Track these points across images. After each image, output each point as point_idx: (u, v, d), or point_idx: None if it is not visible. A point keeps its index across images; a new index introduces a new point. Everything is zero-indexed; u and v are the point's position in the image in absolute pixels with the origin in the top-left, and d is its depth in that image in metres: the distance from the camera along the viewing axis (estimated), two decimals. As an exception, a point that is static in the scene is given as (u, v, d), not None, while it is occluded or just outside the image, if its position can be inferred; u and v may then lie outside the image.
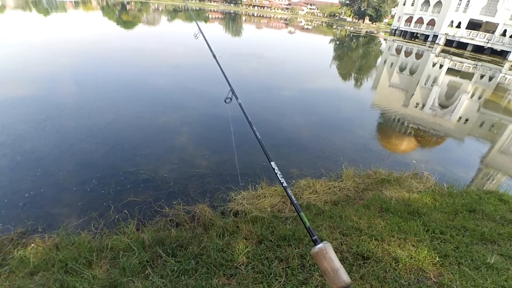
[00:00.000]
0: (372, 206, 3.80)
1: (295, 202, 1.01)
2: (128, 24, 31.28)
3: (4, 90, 7.74)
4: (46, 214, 3.54)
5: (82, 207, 3.66)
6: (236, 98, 1.64)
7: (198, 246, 2.76)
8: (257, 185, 4.21)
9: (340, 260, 2.56)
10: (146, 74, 11.03)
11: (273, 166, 1.37)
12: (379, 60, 26.42)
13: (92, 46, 15.33)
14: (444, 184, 5.02)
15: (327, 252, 0.73)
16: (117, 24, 30.26)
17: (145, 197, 3.85)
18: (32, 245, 2.83)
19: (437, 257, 2.75)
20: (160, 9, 64.63)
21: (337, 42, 38.28)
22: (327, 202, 3.94)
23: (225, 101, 1.70)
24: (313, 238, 0.75)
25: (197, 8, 79.73)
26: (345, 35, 50.71)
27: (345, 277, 0.73)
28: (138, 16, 42.20)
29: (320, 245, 0.78)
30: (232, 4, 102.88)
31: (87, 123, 6.21)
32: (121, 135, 5.87)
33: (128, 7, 60.98)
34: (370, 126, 8.77)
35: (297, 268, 2.56)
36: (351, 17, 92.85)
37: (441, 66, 25.13)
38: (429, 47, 42.43)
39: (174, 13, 56.61)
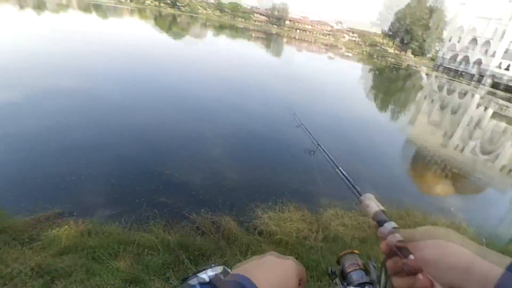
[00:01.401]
0: (403, 249, 3.59)
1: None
2: (176, 34, 33.10)
3: (60, 81, 8.49)
4: (83, 200, 3.75)
5: (116, 199, 3.84)
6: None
7: (221, 259, 2.76)
8: (284, 207, 4.16)
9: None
10: (190, 83, 11.53)
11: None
12: (419, 95, 25.63)
13: (143, 52, 16.34)
14: (483, 238, 4.64)
15: (370, 198, 0.80)
16: (167, 34, 32.13)
17: (175, 200, 3.94)
18: (66, 226, 2.96)
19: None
20: (207, 24, 67.83)
21: (376, 72, 37.78)
22: (355, 238, 3.79)
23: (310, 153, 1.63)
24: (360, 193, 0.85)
25: (241, 27, 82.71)
26: (386, 66, 49.96)
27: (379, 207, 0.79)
28: (187, 29, 44.55)
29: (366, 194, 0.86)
30: (275, 26, 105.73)
31: (135, 122, 6.62)
32: (163, 138, 6.19)
33: (178, 19, 64.72)
34: (405, 162, 8.44)
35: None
36: (393, 48, 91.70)
37: (486, 108, 23.87)
38: (474, 87, 40.56)
39: (220, 29, 59.15)
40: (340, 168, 1.09)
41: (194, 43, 28.51)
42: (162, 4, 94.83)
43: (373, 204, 0.75)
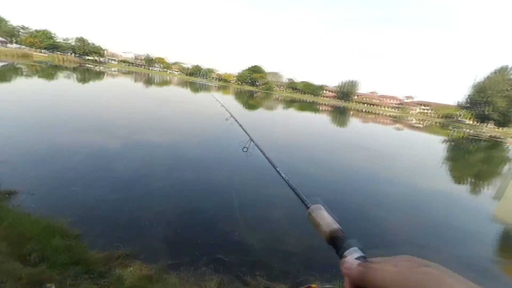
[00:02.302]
0: None
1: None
2: (253, 106, 36.28)
3: (153, 137, 10.00)
4: (150, 244, 3.93)
5: (179, 249, 3.95)
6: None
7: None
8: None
9: None
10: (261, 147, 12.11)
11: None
12: (506, 167, 21.80)
13: (222, 122, 18.22)
14: None
15: (319, 209, 0.62)
16: (244, 107, 35.48)
17: (233, 258, 3.86)
18: (131, 268, 3.09)
19: None
20: (279, 98, 73.13)
21: (452, 144, 33.99)
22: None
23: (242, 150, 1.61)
24: (307, 204, 0.68)
25: (310, 101, 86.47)
26: (462, 137, 44.81)
27: (335, 225, 0.57)
28: (261, 102, 48.63)
29: (313, 205, 0.68)
30: (343, 100, 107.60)
31: (205, 178, 7.08)
32: (228, 197, 6.38)
33: (255, 94, 71.66)
34: (490, 243, 6.88)
35: None
36: (471, 120, 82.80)
37: None
38: None
39: (290, 102, 62.90)
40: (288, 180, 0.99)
41: (266, 113, 30.64)
42: (243, 83, 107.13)
43: (327, 221, 0.61)
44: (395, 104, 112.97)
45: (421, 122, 66.40)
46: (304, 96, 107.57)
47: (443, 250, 5.76)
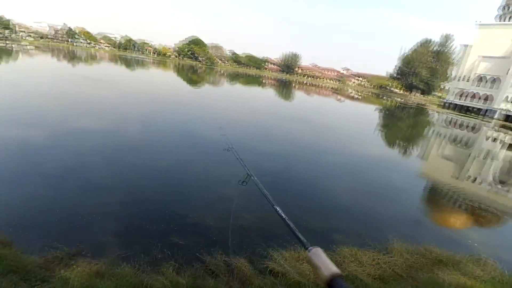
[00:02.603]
0: (425, 289, 3.25)
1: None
2: (195, 82, 34.89)
3: (85, 123, 9.00)
4: (95, 240, 3.65)
5: (128, 240, 3.73)
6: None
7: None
8: (299, 247, 3.93)
9: None
10: (206, 127, 11.83)
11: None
12: (429, 130, 25.14)
13: (164, 98, 17.20)
14: (506, 271, 4.18)
15: (319, 253, 0.69)
16: (187, 83, 33.92)
17: (188, 240, 3.81)
18: (78, 268, 2.86)
19: None
20: (224, 73, 71.54)
21: (386, 112, 37.73)
22: (373, 277, 3.48)
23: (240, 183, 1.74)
24: (307, 247, 0.75)
25: (255, 75, 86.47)
26: (394, 105, 50.00)
27: (334, 268, 0.65)
28: (205, 77, 47.04)
29: (313, 248, 0.75)
30: (286, 73, 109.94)
31: (150, 164, 6.68)
32: (178, 179, 6.18)
33: (198, 70, 68.86)
34: (419, 197, 8.01)
35: None
36: (400, 89, 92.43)
37: (497, 140, 22.96)
38: (484, 121, 39.57)
39: (235, 77, 62.06)
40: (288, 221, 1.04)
41: (208, 88, 29.85)
42: (182, 57, 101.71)
43: (326, 264, 0.65)
44: (335, 76, 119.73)
45: (359, 93, 71.91)
46: (248, 70, 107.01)
47: (382, 208, 6.51)
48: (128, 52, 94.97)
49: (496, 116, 43.83)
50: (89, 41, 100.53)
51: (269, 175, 7.27)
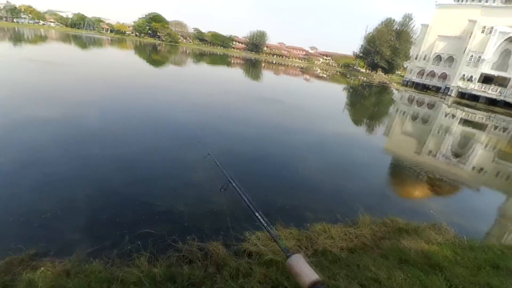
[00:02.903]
0: (390, 256, 3.55)
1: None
2: (157, 62, 33.29)
3: (36, 113, 8.19)
4: (60, 237, 3.48)
5: (96, 234, 3.59)
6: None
7: (211, 287, 2.60)
8: (271, 226, 4.04)
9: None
10: (170, 111, 11.44)
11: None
12: (391, 108, 26.57)
13: (122, 79, 16.24)
14: (464, 236, 4.70)
15: (299, 260, 0.73)
16: (147, 62, 32.24)
17: (159, 229, 3.75)
18: (42, 269, 2.73)
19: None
20: (187, 52, 68.89)
21: (351, 90, 39.08)
22: (343, 249, 3.72)
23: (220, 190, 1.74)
24: (287, 254, 0.79)
25: (221, 54, 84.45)
26: (359, 84, 51.90)
27: (315, 275, 0.70)
28: (167, 57, 44.98)
29: (293, 255, 0.80)
30: (253, 52, 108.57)
31: (111, 152, 6.36)
32: (142, 167, 5.94)
33: (158, 48, 65.42)
34: (383, 172, 8.56)
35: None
36: (365, 68, 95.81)
37: (453, 116, 24.94)
38: (441, 98, 42.60)
39: (200, 56, 60.09)
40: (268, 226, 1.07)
41: (173, 69, 28.72)
42: (142, 34, 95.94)
43: (306, 271, 0.65)
44: (302, 55, 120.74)
45: (325, 72, 73.45)
46: (214, 48, 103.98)
47: (350, 184, 6.88)
48: (81, 30, 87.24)
49: (452, 93, 47.26)
50: (36, 19, 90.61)
51: (240, 158, 7.31)
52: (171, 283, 2.66)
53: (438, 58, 52.93)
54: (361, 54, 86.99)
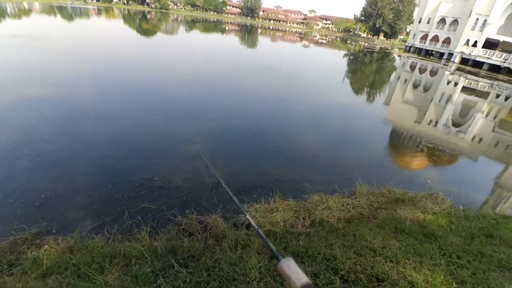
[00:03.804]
0: (386, 226, 3.70)
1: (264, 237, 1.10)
2: (147, 32, 32.12)
3: (27, 91, 8.00)
4: (61, 216, 3.57)
5: (96, 211, 3.69)
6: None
7: (211, 258, 2.72)
8: (269, 198, 4.17)
9: (354, 281, 2.49)
10: (164, 83, 11.24)
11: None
12: (393, 76, 26.21)
13: (111, 53, 15.76)
14: (460, 206, 4.87)
15: (290, 264, 0.78)
16: (137, 32, 31.10)
17: (158, 204, 3.86)
18: (46, 246, 2.83)
19: (454, 283, 2.64)
20: (179, 19, 66.24)
21: (351, 57, 38.28)
22: (340, 219, 3.86)
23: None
24: (278, 257, 0.85)
25: (215, 20, 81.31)
26: (359, 50, 50.70)
27: (305, 278, 0.76)
28: (158, 25, 43.30)
29: (284, 259, 0.85)
30: (248, 17, 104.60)
31: (106, 129, 6.33)
32: (138, 142, 5.95)
33: (148, 16, 62.79)
34: (382, 142, 8.64)
35: (310, 286, 2.49)
36: (366, 33, 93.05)
37: (455, 84, 24.72)
38: (444, 65, 41.92)
39: (192, 23, 57.86)
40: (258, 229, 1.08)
41: (166, 39, 27.78)
42: (130, 2, 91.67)
43: (296, 274, 0.70)
44: (300, 19, 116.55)
45: (325, 38, 71.40)
46: (206, 14, 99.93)
47: (348, 155, 6.97)
48: (66, 0, 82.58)
49: (456, 60, 46.43)
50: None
51: (236, 131, 7.33)
52: (172, 256, 2.78)
53: (442, 21, 51.30)
54: (362, 18, 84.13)
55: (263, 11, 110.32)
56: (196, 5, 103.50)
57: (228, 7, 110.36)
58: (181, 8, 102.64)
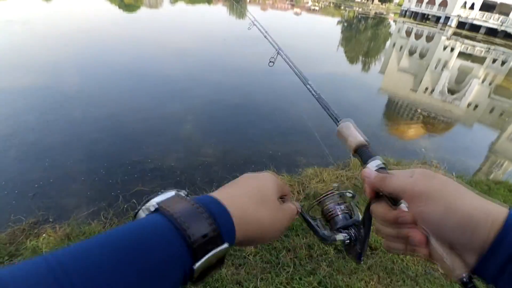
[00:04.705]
0: (380, 196, 3.80)
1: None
2: (130, 7, 30.81)
3: (8, 78, 7.76)
4: (56, 204, 3.60)
5: (91, 197, 3.73)
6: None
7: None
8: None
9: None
10: (151, 61, 10.95)
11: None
12: (388, 43, 25.81)
13: (93, 33, 15.19)
14: (453, 173, 5.00)
15: (348, 125, 0.71)
16: (119, 8, 29.83)
17: (153, 186, 3.90)
18: (44, 235, 2.89)
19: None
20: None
21: (345, 24, 37.40)
22: (334, 192, 3.95)
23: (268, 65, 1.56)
24: (338, 120, 0.69)
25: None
26: (353, 16, 49.43)
27: (362, 139, 0.67)
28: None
29: (343, 121, 0.75)
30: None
31: (92, 112, 6.23)
32: (127, 124, 5.89)
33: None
34: (377, 112, 8.68)
35: (305, 258, 2.61)
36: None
37: (452, 49, 24.48)
38: (441, 29, 41.25)
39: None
40: (312, 88, 0.97)
41: (150, 14, 26.74)
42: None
43: (354, 135, 0.69)
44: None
45: (317, 4, 69.20)
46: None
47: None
48: None
49: (452, 24, 45.65)
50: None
51: (227, 106, 7.28)
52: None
53: (439, -19, 49.95)
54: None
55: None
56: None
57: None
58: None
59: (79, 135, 5.29)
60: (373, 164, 0.56)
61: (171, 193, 0.40)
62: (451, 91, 12.17)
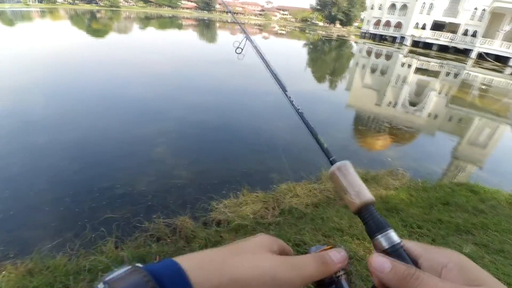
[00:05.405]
0: (352, 206, 3.87)
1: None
2: (98, 32, 30.43)
3: None
4: (17, 238, 3.33)
5: (55, 228, 3.48)
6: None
7: (181, 260, 2.69)
8: (238, 193, 4.18)
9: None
10: (119, 84, 10.75)
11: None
12: (352, 62, 27.21)
13: (61, 57, 14.77)
14: (419, 179, 5.23)
15: (348, 169, 0.50)
16: (87, 33, 29.37)
17: (122, 212, 3.71)
18: (4, 272, 2.64)
19: (416, 252, 2.83)
20: (131, 16, 63.48)
21: (311, 46, 39.13)
22: (308, 205, 3.98)
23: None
24: (330, 159, 0.55)
25: (170, 16, 78.99)
26: (318, 39, 51.95)
27: (369, 194, 0.50)
28: (109, 25, 41.17)
29: (339, 162, 0.55)
30: (205, 11, 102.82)
31: (58, 138, 5.95)
32: (94, 149, 5.66)
33: (98, 15, 59.44)
34: (345, 127, 8.99)
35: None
36: (323, 21, 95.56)
37: (409, 66, 26.23)
38: (398, 48, 44.27)
39: (146, 20, 55.75)
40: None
41: (119, 39, 26.53)
42: (77, 1, 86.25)
43: (357, 187, 0.50)
44: (258, 11, 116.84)
45: (284, 29, 72.21)
46: (160, 10, 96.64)
47: (313, 142, 7.12)
48: (4, 4, 74.94)
49: (407, 43, 49.24)
50: None
51: (200, 127, 7.24)
52: (141, 263, 2.71)
53: (393, 6, 54.12)
54: (318, 7, 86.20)
55: (219, 4, 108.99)
56: (149, 0, 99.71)
57: (183, 2, 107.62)
58: (133, 5, 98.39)
59: (43, 162, 5.00)
60: (385, 243, 0.40)
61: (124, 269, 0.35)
62: (412, 103, 12.93)
